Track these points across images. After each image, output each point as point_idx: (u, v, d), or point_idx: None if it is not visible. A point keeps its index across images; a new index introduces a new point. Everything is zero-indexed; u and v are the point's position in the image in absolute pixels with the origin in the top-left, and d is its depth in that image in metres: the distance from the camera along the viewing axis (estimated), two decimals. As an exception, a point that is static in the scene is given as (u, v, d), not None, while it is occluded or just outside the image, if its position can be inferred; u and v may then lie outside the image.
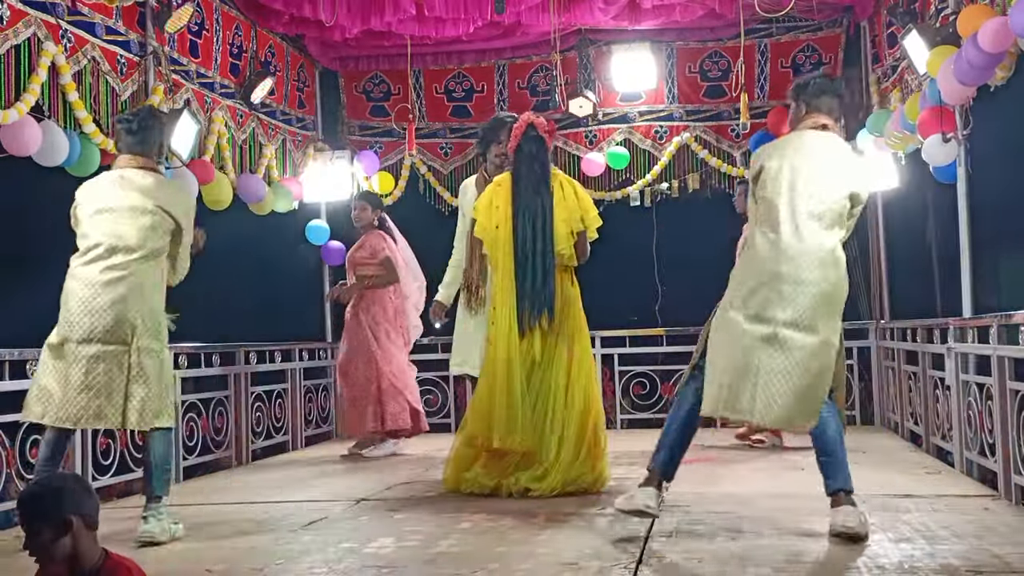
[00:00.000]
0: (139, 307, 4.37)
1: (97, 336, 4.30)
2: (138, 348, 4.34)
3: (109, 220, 4.42)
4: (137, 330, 4.35)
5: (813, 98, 4.26)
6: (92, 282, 4.34)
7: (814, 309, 3.99)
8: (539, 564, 3.70)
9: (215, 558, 4.01)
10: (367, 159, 9.04)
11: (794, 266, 4.00)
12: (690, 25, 8.53)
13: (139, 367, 4.34)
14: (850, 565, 3.55)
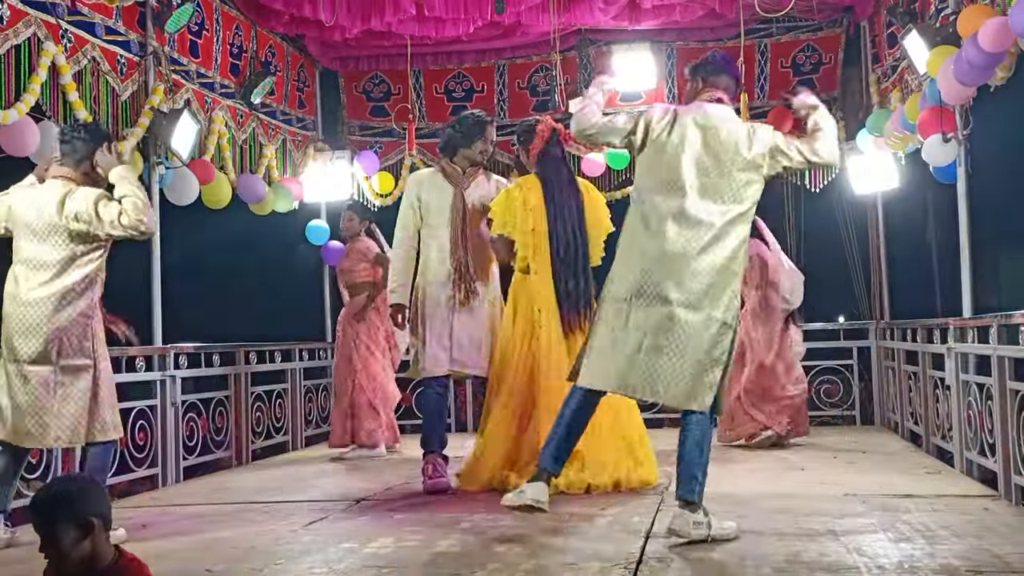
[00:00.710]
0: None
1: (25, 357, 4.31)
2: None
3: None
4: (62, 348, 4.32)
5: (711, 75, 4.33)
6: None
7: (706, 287, 3.99)
8: (539, 564, 3.70)
9: (215, 558, 4.01)
10: (367, 159, 9.03)
11: (686, 244, 4.00)
12: (690, 25, 8.53)
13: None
14: (850, 565, 3.55)
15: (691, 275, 3.99)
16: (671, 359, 3.95)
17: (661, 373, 3.96)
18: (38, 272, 4.34)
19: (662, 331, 3.97)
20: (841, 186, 8.68)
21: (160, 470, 6.29)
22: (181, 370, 6.58)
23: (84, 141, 4.49)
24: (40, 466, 5.24)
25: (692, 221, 4.03)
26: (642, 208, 4.16)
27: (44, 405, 4.30)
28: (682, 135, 4.13)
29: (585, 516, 4.62)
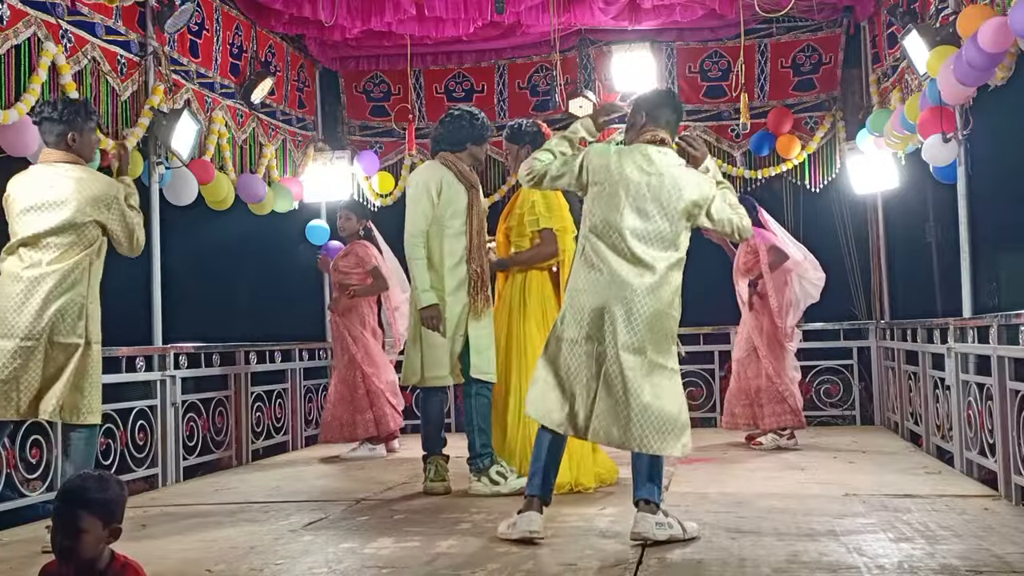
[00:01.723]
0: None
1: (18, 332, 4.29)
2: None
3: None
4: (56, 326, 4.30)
5: (653, 110, 4.24)
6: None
7: (647, 333, 3.96)
8: (539, 564, 3.70)
9: (215, 558, 4.01)
10: (367, 159, 9.04)
11: (630, 289, 3.97)
12: (690, 25, 8.53)
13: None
14: (850, 565, 3.55)
15: (636, 315, 3.97)
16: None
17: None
18: (44, 250, 4.32)
19: (610, 374, 3.97)
20: (841, 186, 8.69)
21: (160, 470, 6.29)
22: (181, 370, 6.58)
23: (54, 121, 4.45)
24: (40, 465, 5.24)
25: (637, 261, 4.00)
26: (585, 247, 4.12)
27: (27, 378, 4.26)
28: (623, 178, 4.06)
29: (585, 516, 4.62)
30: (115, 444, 5.87)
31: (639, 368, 3.93)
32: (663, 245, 4.03)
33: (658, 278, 3.99)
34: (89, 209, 4.34)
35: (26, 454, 5.14)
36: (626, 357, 3.93)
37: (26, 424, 5.17)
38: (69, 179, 4.37)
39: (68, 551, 2.56)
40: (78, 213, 4.33)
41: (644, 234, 4.01)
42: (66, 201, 4.32)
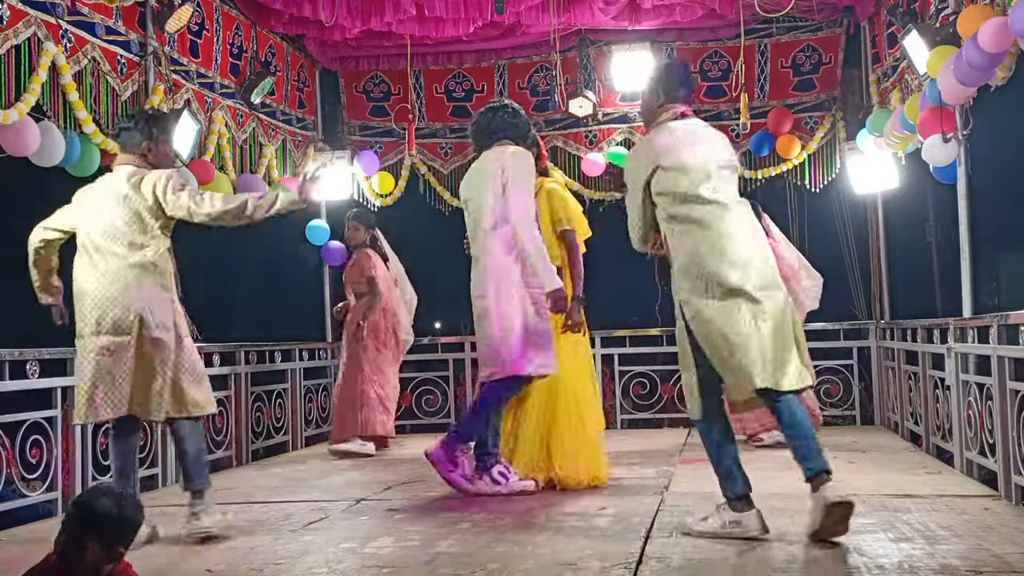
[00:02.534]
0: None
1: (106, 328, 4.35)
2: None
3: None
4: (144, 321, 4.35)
5: (671, 89, 4.32)
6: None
7: (772, 269, 4.09)
8: (539, 564, 3.70)
9: (215, 558, 4.01)
10: (367, 159, 9.04)
11: (740, 241, 4.05)
12: (690, 25, 8.53)
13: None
14: (850, 565, 3.55)
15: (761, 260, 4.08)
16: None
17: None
18: (113, 244, 4.40)
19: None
20: (841, 186, 8.69)
21: (160, 470, 6.29)
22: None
23: (130, 130, 4.59)
24: (40, 465, 5.24)
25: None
26: (677, 220, 4.16)
27: (122, 374, 4.32)
28: (680, 158, 4.15)
29: (585, 516, 4.62)
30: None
31: (777, 304, 4.01)
32: (732, 194, 4.17)
33: (752, 224, 4.15)
34: (148, 197, 4.41)
35: (26, 454, 5.14)
36: (766, 296, 3.99)
37: (27, 423, 5.18)
38: (128, 177, 4.46)
39: (65, 556, 2.56)
40: (139, 206, 4.40)
41: (715, 188, 4.11)
42: (127, 196, 4.41)
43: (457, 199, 8.89)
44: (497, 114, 5.53)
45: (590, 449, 5.52)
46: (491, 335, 5.25)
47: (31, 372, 5.21)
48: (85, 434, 5.56)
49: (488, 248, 5.31)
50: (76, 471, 5.45)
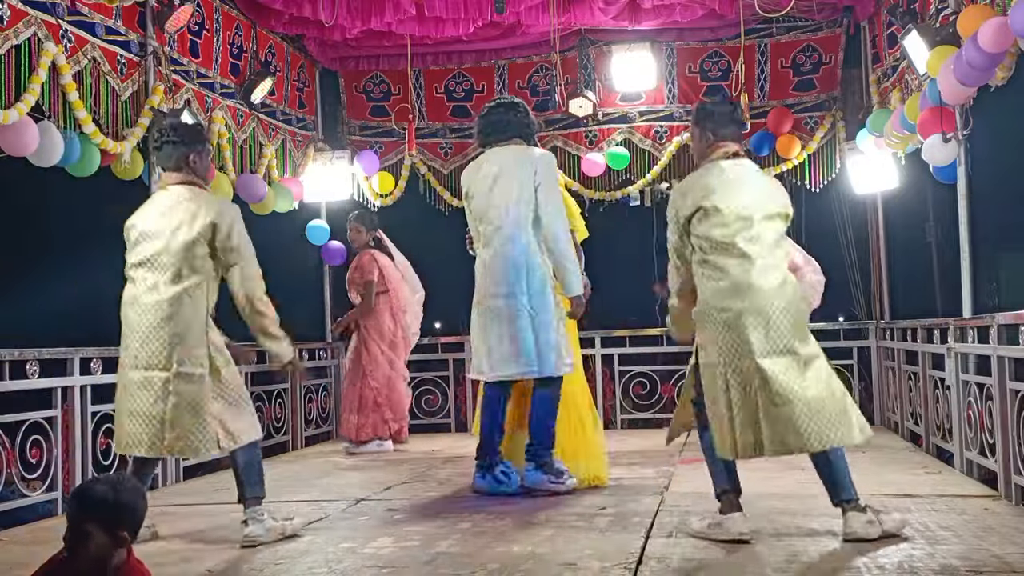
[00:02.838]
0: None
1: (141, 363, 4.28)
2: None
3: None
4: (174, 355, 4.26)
5: (719, 127, 4.19)
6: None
7: (792, 331, 3.95)
8: (539, 564, 3.70)
9: (215, 558, 4.01)
10: (367, 159, 9.04)
11: (763, 297, 3.94)
12: (690, 25, 8.53)
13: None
14: (850, 565, 3.55)
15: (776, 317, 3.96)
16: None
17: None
18: (156, 272, 4.30)
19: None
20: (841, 186, 8.69)
21: (160, 470, 6.28)
22: (181, 370, 6.56)
23: (174, 144, 4.45)
24: (40, 465, 5.24)
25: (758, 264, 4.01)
26: (704, 266, 4.08)
27: (155, 411, 4.24)
28: (717, 198, 4.05)
29: (585, 516, 4.62)
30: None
31: (791, 367, 3.92)
32: (768, 247, 4.01)
33: (780, 280, 3.99)
34: (200, 233, 4.29)
35: (26, 454, 5.14)
36: (773, 362, 3.90)
37: (27, 424, 5.18)
38: (184, 202, 4.34)
39: (72, 550, 2.57)
40: (190, 236, 4.28)
41: (753, 238, 3.99)
42: (180, 225, 4.29)
43: (457, 199, 8.91)
44: (512, 112, 5.50)
45: (590, 449, 5.52)
46: (522, 335, 5.22)
47: (31, 372, 5.21)
48: (85, 434, 5.57)
49: (514, 247, 5.27)
50: (76, 471, 5.45)
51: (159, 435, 4.26)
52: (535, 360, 5.22)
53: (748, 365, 3.90)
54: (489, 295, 5.31)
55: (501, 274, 5.28)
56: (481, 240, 5.42)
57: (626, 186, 9.05)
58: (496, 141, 5.47)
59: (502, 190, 5.32)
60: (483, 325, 5.35)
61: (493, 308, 5.29)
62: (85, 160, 5.84)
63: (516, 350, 5.24)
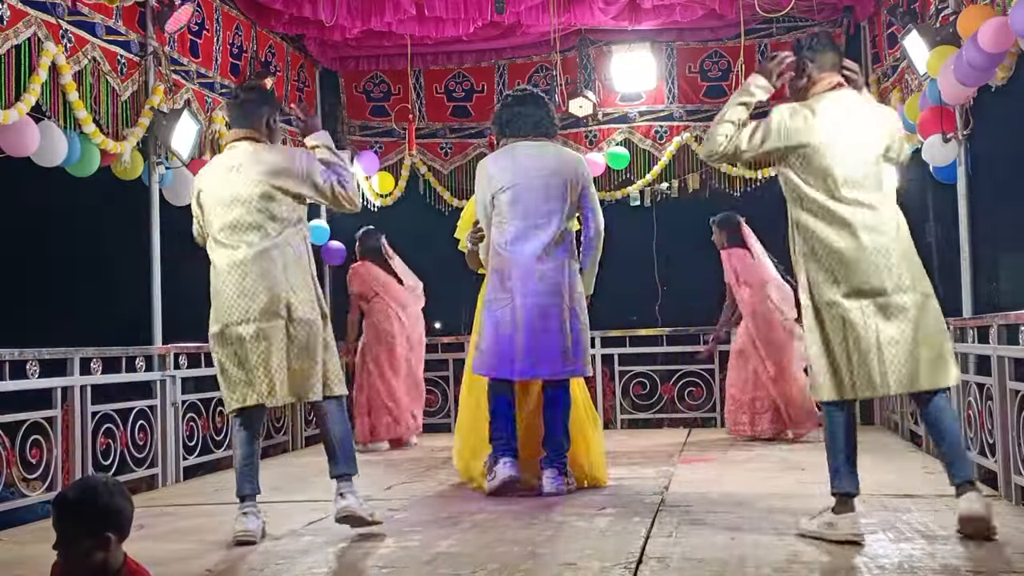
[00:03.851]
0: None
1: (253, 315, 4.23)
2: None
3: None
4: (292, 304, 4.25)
5: (821, 58, 4.08)
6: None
7: (908, 269, 3.91)
8: (539, 564, 3.70)
9: (215, 558, 4.01)
10: (367, 159, 9.04)
11: (875, 234, 3.88)
12: (690, 25, 8.53)
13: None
14: (850, 565, 3.55)
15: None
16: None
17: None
18: (248, 232, 4.24)
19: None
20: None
21: (160, 470, 6.29)
22: (181, 370, 6.58)
23: (255, 102, 4.40)
24: (40, 465, 5.24)
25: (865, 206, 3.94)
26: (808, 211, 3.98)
27: (278, 361, 4.24)
28: (824, 133, 3.95)
29: (585, 516, 4.62)
30: (115, 444, 5.87)
31: (911, 306, 3.88)
32: (875, 185, 3.96)
33: (890, 216, 3.94)
34: (273, 181, 4.24)
35: (26, 454, 5.14)
36: (898, 300, 3.86)
37: (27, 424, 5.18)
38: (249, 156, 4.28)
39: (63, 557, 2.58)
40: (266, 187, 4.23)
41: (856, 180, 3.92)
42: (253, 180, 4.23)
43: (458, 199, 8.92)
44: (544, 108, 5.46)
45: (590, 449, 5.51)
46: (563, 334, 5.20)
47: (31, 372, 5.21)
48: (85, 434, 5.57)
49: (562, 247, 5.27)
50: (76, 471, 5.45)
51: (283, 382, 4.26)
52: (572, 360, 5.22)
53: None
54: (534, 292, 5.19)
55: (550, 272, 5.22)
56: (513, 235, 5.26)
57: (626, 186, 9.05)
58: (525, 135, 5.38)
59: (550, 187, 5.27)
60: (516, 323, 5.20)
61: (537, 306, 5.18)
62: (85, 160, 5.84)
63: (562, 349, 5.19)
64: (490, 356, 5.32)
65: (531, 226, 5.24)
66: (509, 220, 5.27)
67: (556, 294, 5.21)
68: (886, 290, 3.87)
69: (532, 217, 5.24)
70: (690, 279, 8.40)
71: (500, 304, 5.26)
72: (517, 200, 5.25)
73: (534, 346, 5.18)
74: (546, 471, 5.21)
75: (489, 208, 5.34)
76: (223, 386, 4.37)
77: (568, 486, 5.22)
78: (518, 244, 5.24)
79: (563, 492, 5.16)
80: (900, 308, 3.87)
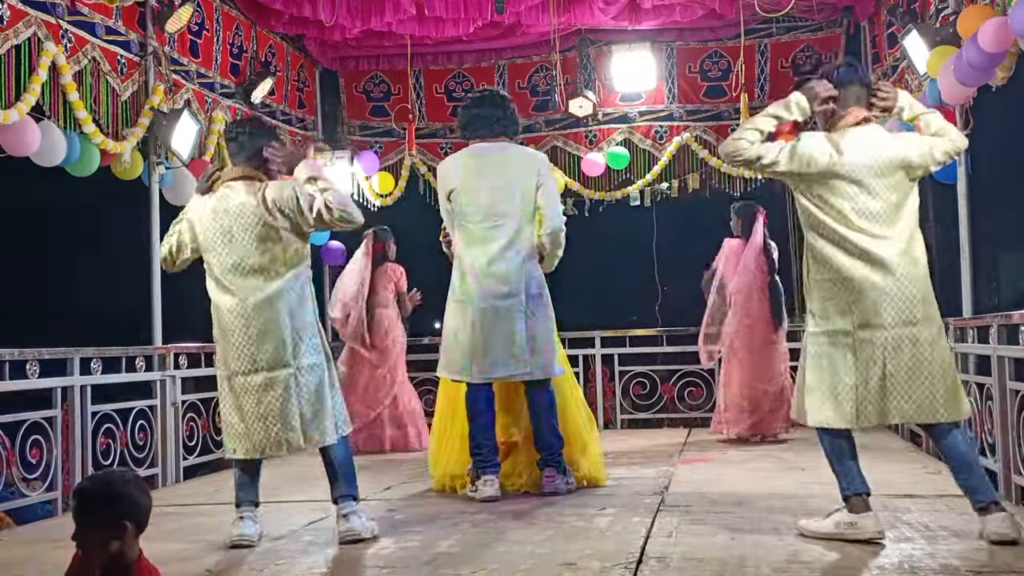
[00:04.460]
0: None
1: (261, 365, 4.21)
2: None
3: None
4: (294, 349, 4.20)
5: (844, 90, 4.09)
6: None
7: (921, 303, 3.89)
8: (539, 564, 3.70)
9: (215, 558, 4.01)
10: (367, 159, 9.04)
11: (889, 267, 3.88)
12: (690, 25, 8.53)
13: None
14: (850, 565, 3.55)
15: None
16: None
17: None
18: (250, 277, 4.17)
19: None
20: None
21: (160, 470, 6.29)
22: (181, 370, 6.58)
23: (250, 135, 4.38)
24: (40, 465, 5.24)
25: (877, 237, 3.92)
26: (820, 240, 3.99)
27: (289, 408, 4.21)
28: (842, 164, 3.96)
29: (585, 516, 4.62)
30: (115, 444, 5.87)
31: (921, 341, 3.86)
32: (893, 218, 3.93)
33: (903, 249, 3.91)
34: (270, 220, 4.17)
35: (26, 454, 5.14)
36: (907, 332, 3.86)
37: (27, 424, 5.18)
38: (245, 196, 4.22)
39: (80, 547, 2.62)
40: (263, 228, 4.16)
41: (874, 213, 3.91)
42: (251, 222, 4.17)
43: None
44: (503, 109, 5.38)
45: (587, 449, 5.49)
46: (522, 336, 5.15)
47: (31, 372, 5.21)
48: (85, 434, 5.57)
49: (519, 247, 5.20)
50: (76, 471, 5.45)
51: (295, 430, 4.27)
52: (534, 361, 5.18)
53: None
54: (489, 294, 5.18)
55: (505, 273, 5.19)
56: (469, 236, 5.23)
57: (626, 186, 9.05)
58: (485, 136, 5.34)
59: (508, 188, 5.23)
60: (473, 324, 5.17)
61: (492, 308, 5.16)
62: (85, 160, 5.84)
63: (516, 351, 5.15)
64: (449, 358, 5.28)
65: (489, 227, 5.20)
66: (468, 221, 5.24)
67: (512, 296, 5.16)
68: (897, 322, 3.87)
69: (489, 218, 5.20)
70: (690, 279, 8.38)
71: (459, 305, 5.24)
72: (474, 201, 5.22)
73: (490, 348, 5.14)
74: (544, 471, 5.22)
75: (448, 207, 5.35)
76: (223, 429, 4.42)
77: (568, 485, 5.21)
78: (476, 246, 5.21)
79: (562, 491, 5.15)
80: (912, 341, 3.86)
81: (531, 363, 5.18)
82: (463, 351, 5.20)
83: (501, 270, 5.18)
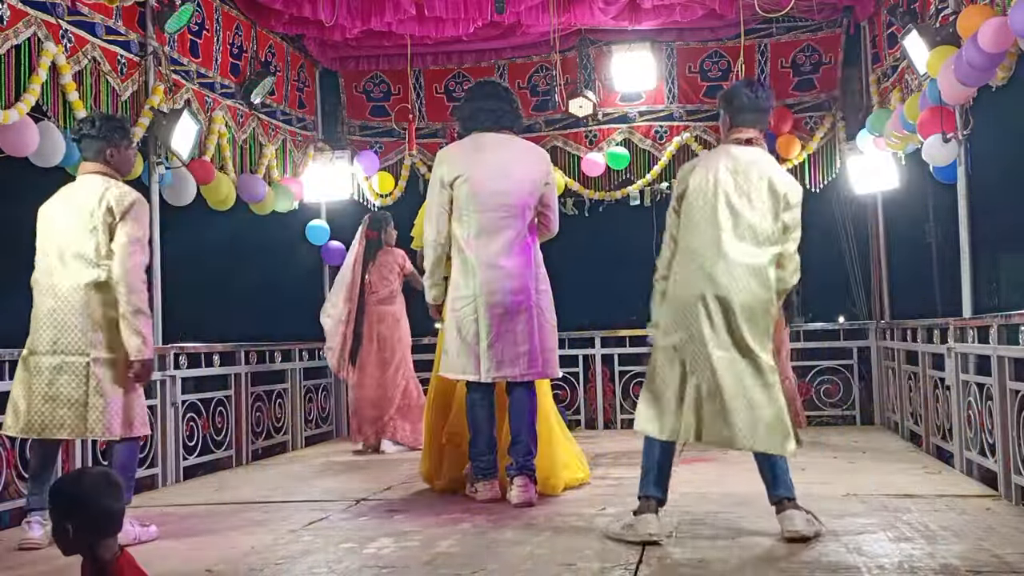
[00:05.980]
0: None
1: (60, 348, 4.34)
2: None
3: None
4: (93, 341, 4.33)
5: (738, 113, 4.21)
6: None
7: (747, 328, 3.96)
8: (539, 564, 3.70)
9: (215, 558, 4.01)
10: (367, 159, 9.04)
11: (724, 285, 3.97)
12: (690, 25, 8.53)
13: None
14: (850, 565, 3.55)
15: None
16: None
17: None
18: (73, 262, 4.38)
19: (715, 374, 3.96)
20: (841, 186, 8.69)
21: (160, 470, 6.29)
22: (181, 370, 6.58)
23: (93, 138, 4.52)
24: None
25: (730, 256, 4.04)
26: (675, 254, 4.18)
27: (76, 396, 4.31)
28: (714, 183, 4.08)
29: (585, 516, 4.62)
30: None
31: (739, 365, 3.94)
32: (757, 241, 4.09)
33: (751, 270, 4.04)
34: (103, 219, 4.36)
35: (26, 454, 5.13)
36: (727, 355, 3.93)
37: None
38: (92, 191, 4.41)
39: (58, 545, 2.63)
40: (97, 223, 4.36)
41: (738, 232, 4.06)
42: (90, 213, 4.37)
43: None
44: (508, 102, 5.27)
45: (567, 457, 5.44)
46: (532, 334, 5.04)
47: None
48: (85, 434, 5.55)
49: (527, 243, 5.10)
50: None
51: (81, 418, 4.31)
52: (541, 360, 5.07)
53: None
54: (498, 289, 4.98)
55: (514, 267, 5.04)
56: (477, 226, 5.04)
57: (626, 186, 9.04)
58: (489, 128, 5.20)
59: (520, 181, 5.10)
60: (480, 321, 5.01)
61: (500, 304, 4.99)
62: (85, 160, 5.83)
63: (526, 349, 5.01)
64: (456, 358, 5.09)
65: (494, 221, 5.03)
66: (471, 213, 5.04)
67: (521, 292, 5.02)
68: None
69: (495, 211, 5.03)
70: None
71: (464, 303, 5.04)
72: (477, 192, 5.03)
73: (500, 346, 4.98)
74: (515, 480, 4.97)
75: (444, 194, 5.10)
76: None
77: (539, 493, 5.05)
78: (482, 239, 5.03)
79: (534, 503, 4.91)
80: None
81: (540, 363, 5.07)
82: (470, 349, 5.03)
83: (510, 263, 5.03)
